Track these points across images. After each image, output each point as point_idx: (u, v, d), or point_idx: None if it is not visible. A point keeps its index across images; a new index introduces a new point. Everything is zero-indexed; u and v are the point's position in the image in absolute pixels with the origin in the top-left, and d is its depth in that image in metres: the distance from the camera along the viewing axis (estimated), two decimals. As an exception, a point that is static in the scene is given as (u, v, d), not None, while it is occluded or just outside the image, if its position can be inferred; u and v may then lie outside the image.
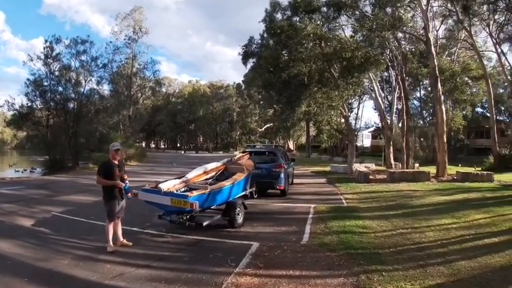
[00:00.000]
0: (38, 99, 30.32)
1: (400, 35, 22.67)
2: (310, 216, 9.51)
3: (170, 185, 7.76)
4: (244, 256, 6.12)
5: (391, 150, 26.33)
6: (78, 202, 12.61)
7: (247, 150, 14.01)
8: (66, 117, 31.45)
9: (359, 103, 48.52)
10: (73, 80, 31.58)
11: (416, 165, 25.27)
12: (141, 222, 8.71)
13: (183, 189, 8.11)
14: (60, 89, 31.21)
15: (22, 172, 29.36)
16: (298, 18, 21.20)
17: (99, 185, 6.73)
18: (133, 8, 43.68)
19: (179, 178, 8.41)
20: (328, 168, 27.03)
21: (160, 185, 7.47)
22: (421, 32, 22.31)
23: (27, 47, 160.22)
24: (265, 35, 23.86)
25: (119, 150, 6.97)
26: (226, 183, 8.25)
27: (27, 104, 29.85)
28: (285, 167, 13.49)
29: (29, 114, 30.00)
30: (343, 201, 12.31)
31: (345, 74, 19.91)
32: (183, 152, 79.45)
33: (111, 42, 41.61)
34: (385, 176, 18.50)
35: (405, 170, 19.41)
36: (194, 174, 8.72)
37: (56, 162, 28.72)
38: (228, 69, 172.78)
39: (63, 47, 31.57)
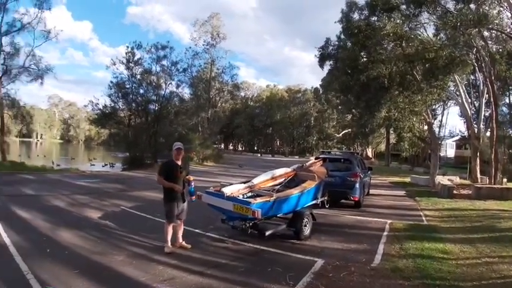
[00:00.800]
0: (121, 100, 32.24)
1: (486, 33, 20.18)
2: (385, 233, 8.50)
3: (234, 189, 7.33)
4: (306, 274, 5.47)
5: (478, 163, 23.75)
6: (148, 198, 12.84)
7: (320, 156, 13.01)
8: (147, 117, 33.07)
9: (443, 109, 44.96)
10: (154, 83, 33.12)
11: (504, 180, 22.49)
12: (204, 224, 8.41)
13: (247, 194, 7.65)
14: (142, 91, 32.95)
15: (103, 166, 31.92)
16: (376, 18, 19.78)
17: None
18: (211, 15, 44.77)
19: (244, 183, 7.95)
20: (408, 180, 25.03)
21: (224, 189, 7.07)
22: (509, 30, 19.76)
23: (114, 53, 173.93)
24: (342, 36, 22.77)
25: (181, 150, 6.66)
26: (294, 191, 7.60)
27: (110, 104, 31.86)
28: (361, 176, 12.44)
29: (112, 114, 31.90)
30: (423, 218, 10.97)
31: (428, 76, 18.22)
32: (259, 155, 79.88)
33: (190, 47, 43.08)
34: (470, 192, 16.64)
35: (493, 186, 17.12)
36: (261, 180, 8.18)
37: (136, 159, 30.22)
38: (306, 73, 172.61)
39: (144, 52, 33.20)
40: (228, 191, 7.02)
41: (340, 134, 61.26)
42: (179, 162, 6.61)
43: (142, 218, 9.53)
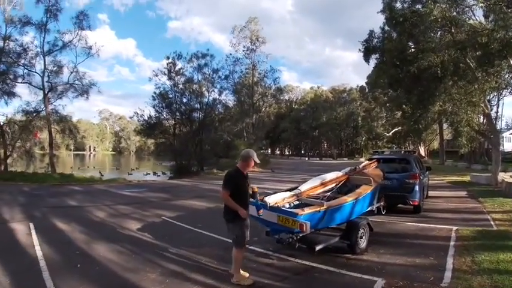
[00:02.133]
0: (165, 110, 32.94)
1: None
2: (452, 243, 7.35)
3: (278, 198, 6.46)
4: (364, 298, 4.55)
5: (546, 157, 21.54)
6: (192, 207, 12.68)
7: (374, 157, 11.91)
8: (191, 126, 33.51)
9: (498, 99, 41.81)
10: (196, 92, 33.63)
11: None
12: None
13: (294, 203, 6.83)
14: (185, 100, 33.65)
15: (144, 175, 33.22)
16: (420, 6, 18.11)
17: (213, 191, 6.06)
18: (249, 20, 44.38)
19: (290, 190, 7.07)
20: (467, 178, 23.13)
21: (267, 198, 6.22)
22: None
23: (159, 67, 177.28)
24: (386, 27, 21.18)
25: (251, 159, 5.35)
26: (348, 199, 6.72)
27: (154, 115, 32.61)
28: (420, 177, 11.17)
29: (157, 124, 32.69)
30: (491, 222, 9.59)
31: (483, 63, 16.53)
32: (306, 158, 78.94)
33: (231, 54, 42.99)
34: (540, 190, 14.82)
35: None
36: (309, 186, 7.23)
37: (182, 167, 30.60)
38: (349, 73, 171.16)
39: (185, 62, 33.88)
40: (271, 200, 6.21)
41: (390, 133, 58.52)
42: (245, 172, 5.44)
43: (183, 229, 9.10)
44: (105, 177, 29.99)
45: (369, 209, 8.08)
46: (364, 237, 6.95)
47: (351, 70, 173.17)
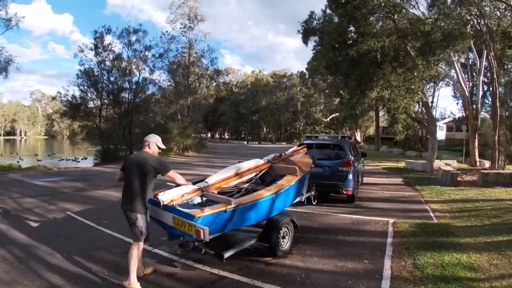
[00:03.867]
0: (90, 89, 29.86)
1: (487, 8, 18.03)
2: (389, 240, 6.47)
3: (176, 194, 4.97)
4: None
5: (476, 145, 21.99)
6: (105, 199, 11.25)
7: (304, 142, 10.78)
8: (120, 107, 30.89)
9: (434, 90, 43.18)
10: (126, 70, 30.88)
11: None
12: (156, 234, 5.95)
13: (197, 200, 5.57)
14: (112, 78, 30.61)
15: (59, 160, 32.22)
16: None
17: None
18: (188, -5, 41.79)
19: (195, 183, 5.63)
20: (402, 165, 23.16)
21: (161, 195, 4.81)
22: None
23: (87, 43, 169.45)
24: (328, 10, 20.55)
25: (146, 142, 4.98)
26: (266, 193, 5.47)
27: (79, 94, 29.57)
28: (355, 164, 10.37)
29: (81, 104, 29.70)
30: (431, 214, 8.92)
31: (425, 51, 16.23)
32: (245, 142, 78.13)
33: (167, 31, 40.37)
34: (476, 178, 14.77)
35: (500, 172, 15.02)
36: (219, 178, 5.81)
37: (108, 152, 28.30)
38: (291, 59, 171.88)
39: (115, 37, 31.07)
40: (166, 197, 4.77)
41: (328, 119, 59.20)
42: None
43: (85, 227, 7.70)
44: (28, 163, 27.61)
45: (297, 200, 7.08)
46: (287, 237, 5.89)
47: (292, 56, 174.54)
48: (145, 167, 4.65)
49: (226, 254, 4.97)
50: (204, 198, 5.51)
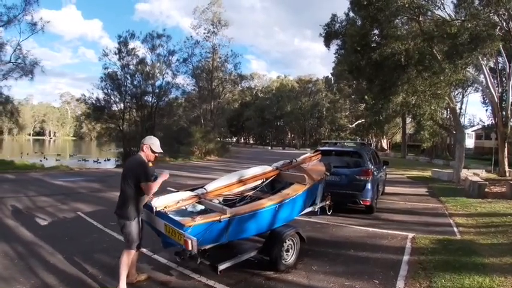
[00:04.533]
0: (113, 92, 30.54)
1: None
2: (406, 258, 5.89)
3: (171, 200, 4.67)
4: None
5: (506, 154, 20.81)
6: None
7: (320, 149, 10.07)
8: (142, 110, 31.43)
9: (462, 96, 41.69)
10: (150, 74, 31.54)
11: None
12: (157, 240, 5.34)
13: (196, 208, 5.19)
14: (136, 82, 31.27)
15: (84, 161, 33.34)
16: None
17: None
18: (212, 1, 41.61)
19: (192, 190, 5.28)
20: (428, 174, 22.20)
21: (155, 200, 4.52)
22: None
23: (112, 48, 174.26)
24: (351, 13, 19.96)
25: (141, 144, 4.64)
26: (268, 203, 5.02)
27: (103, 97, 30.31)
28: (374, 173, 9.74)
29: (105, 107, 30.33)
30: (455, 229, 8.19)
31: (451, 54, 15.45)
32: (269, 148, 77.69)
33: (191, 36, 40.52)
34: (505, 189, 13.83)
35: None
36: (219, 185, 5.46)
37: (128, 154, 28.50)
38: (317, 64, 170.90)
39: (138, 42, 31.85)
40: (159, 203, 4.49)
41: (354, 125, 58.07)
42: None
43: (91, 228, 7.70)
44: (51, 163, 28.04)
45: (308, 210, 6.64)
46: (291, 251, 5.45)
47: (318, 62, 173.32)
48: (132, 170, 4.37)
49: (221, 266, 4.60)
50: (199, 207, 5.17)
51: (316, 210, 7.04)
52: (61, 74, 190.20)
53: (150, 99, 32.19)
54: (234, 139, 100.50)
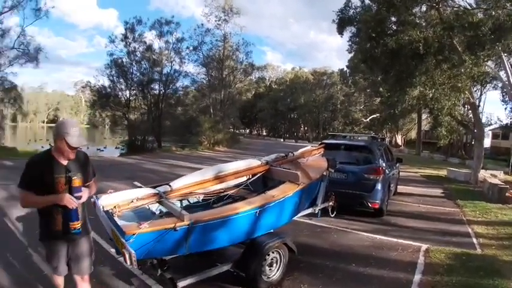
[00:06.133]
0: (120, 80, 30.05)
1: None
2: (417, 277, 4.84)
3: (123, 198, 3.77)
4: None
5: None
6: (106, 191, 10.02)
7: (325, 141, 8.95)
8: (150, 99, 30.91)
9: (480, 93, 39.90)
10: (157, 61, 30.93)
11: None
12: None
13: (153, 208, 4.22)
14: (143, 69, 30.72)
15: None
16: None
17: (153, 172, 3.92)
18: (223, -13, 40.64)
19: (155, 187, 4.32)
20: (443, 173, 20.72)
21: (103, 198, 3.65)
22: None
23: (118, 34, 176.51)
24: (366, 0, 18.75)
25: (64, 135, 2.90)
26: (244, 207, 4.02)
27: (108, 85, 29.87)
28: (386, 171, 8.56)
29: (110, 94, 29.86)
30: (474, 240, 7.04)
31: (472, 44, 14.16)
32: (282, 140, 76.61)
33: (202, 24, 39.44)
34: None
35: None
36: (189, 181, 4.50)
37: (134, 143, 28.02)
38: (333, 57, 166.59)
39: (146, 29, 31.20)
40: (109, 201, 3.60)
41: (368, 119, 56.65)
42: (63, 161, 2.99)
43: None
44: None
45: (308, 211, 5.76)
46: (276, 265, 4.47)
47: (334, 55, 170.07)
48: None
49: (181, 283, 3.67)
50: (156, 208, 4.21)
51: (317, 212, 6.05)
52: (76, 62, 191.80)
53: (157, 87, 31.69)
54: (247, 130, 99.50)
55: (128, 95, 30.43)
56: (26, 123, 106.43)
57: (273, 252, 4.36)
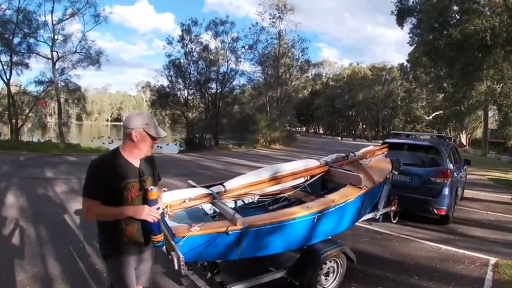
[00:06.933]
0: (178, 79, 31.58)
1: None
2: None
3: (176, 198, 3.72)
4: None
5: None
6: (163, 187, 10.19)
7: (388, 141, 8.42)
8: (207, 97, 32.21)
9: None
10: (213, 61, 32.00)
11: None
12: None
13: (206, 207, 4.15)
14: (200, 69, 32.05)
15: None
16: None
17: (209, 169, 4.07)
18: (276, -15, 40.57)
19: (208, 186, 4.25)
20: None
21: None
22: None
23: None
24: (427, -13, 17.69)
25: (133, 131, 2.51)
26: (302, 212, 3.79)
27: (167, 85, 31.53)
28: (454, 174, 7.92)
29: (168, 94, 31.33)
30: None
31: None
32: (339, 138, 75.16)
33: (257, 23, 39.74)
34: None
35: None
36: (244, 182, 4.39)
37: (192, 140, 29.51)
38: (392, 51, 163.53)
39: (202, 29, 32.74)
40: (162, 200, 3.44)
41: (430, 117, 54.05)
42: (135, 161, 2.55)
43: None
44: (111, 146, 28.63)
45: (369, 216, 5.48)
46: (333, 275, 4.23)
47: (393, 49, 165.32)
48: None
49: None
50: (210, 210, 4.14)
51: (378, 217, 5.70)
52: (138, 65, 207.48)
53: (214, 86, 32.68)
54: (303, 128, 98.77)
55: (186, 94, 31.79)
56: (91, 122, 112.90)
57: (330, 261, 4.13)
